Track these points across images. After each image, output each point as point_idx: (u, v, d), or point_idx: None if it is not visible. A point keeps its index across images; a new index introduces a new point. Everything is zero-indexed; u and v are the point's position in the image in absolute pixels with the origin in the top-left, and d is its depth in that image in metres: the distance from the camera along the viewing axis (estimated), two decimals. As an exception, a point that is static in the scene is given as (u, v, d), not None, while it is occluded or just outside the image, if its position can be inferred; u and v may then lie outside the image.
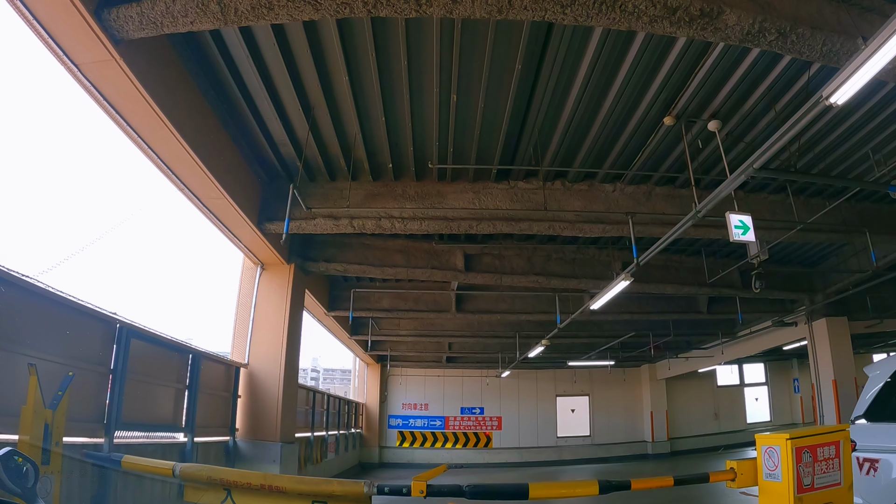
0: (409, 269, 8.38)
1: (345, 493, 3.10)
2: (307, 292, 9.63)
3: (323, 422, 12.79)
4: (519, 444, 19.71)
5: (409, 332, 13.62)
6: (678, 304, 12.45)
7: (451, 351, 16.38)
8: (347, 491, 3.10)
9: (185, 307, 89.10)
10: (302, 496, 3.12)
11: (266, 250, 7.73)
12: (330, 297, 11.11)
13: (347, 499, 3.13)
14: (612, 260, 9.65)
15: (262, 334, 7.86)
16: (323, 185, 6.99)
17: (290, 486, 3.17)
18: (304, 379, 67.85)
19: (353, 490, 3.09)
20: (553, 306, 11.17)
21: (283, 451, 7.34)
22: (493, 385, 19.88)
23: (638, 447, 20.29)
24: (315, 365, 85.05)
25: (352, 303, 9.60)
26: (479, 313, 10.89)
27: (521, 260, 9.02)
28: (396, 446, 19.29)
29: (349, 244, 8.58)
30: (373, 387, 19.25)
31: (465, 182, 6.86)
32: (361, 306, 11.03)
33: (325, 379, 73.31)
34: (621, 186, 7.25)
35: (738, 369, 22.82)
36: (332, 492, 3.14)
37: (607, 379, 20.63)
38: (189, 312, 78.17)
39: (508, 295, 11.09)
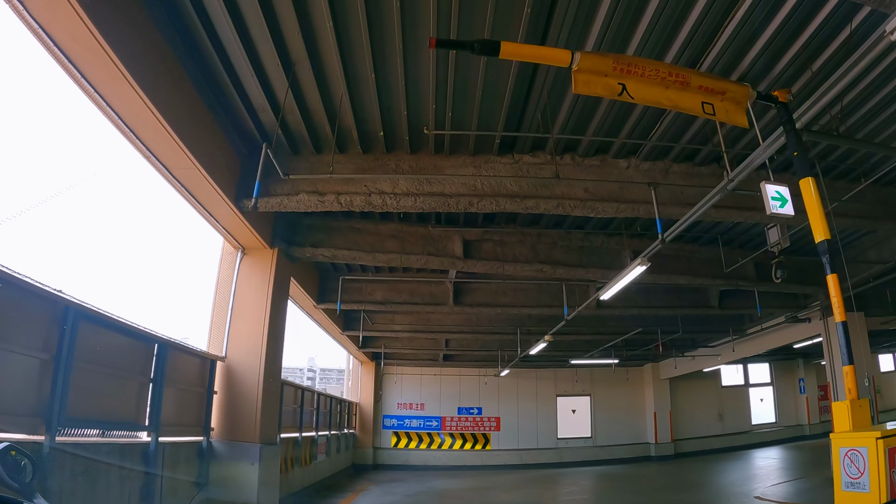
0: (404, 256, 7.73)
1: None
2: (294, 282, 8.97)
3: (312, 422, 12.10)
4: (518, 445, 19.06)
5: (404, 328, 12.97)
6: (688, 298, 11.82)
7: (449, 348, 15.73)
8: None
9: (158, 294, 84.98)
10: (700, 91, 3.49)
11: (246, 233, 7.06)
12: (320, 288, 10.44)
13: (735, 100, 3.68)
14: (621, 248, 9.02)
15: (242, 325, 7.19)
16: (308, 159, 6.33)
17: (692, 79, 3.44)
18: (301, 379, 67.07)
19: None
20: (557, 300, 10.53)
21: (262, 452, 6.66)
22: (491, 384, 19.23)
23: (640, 449, 19.67)
24: (312, 365, 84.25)
25: (339, 291, 8.89)
26: (479, 307, 10.25)
27: (524, 247, 8.38)
28: (391, 447, 18.61)
29: (338, 228, 7.92)
30: (367, 386, 18.57)
31: (464, 156, 6.22)
32: (353, 298, 10.37)
33: (321, 379, 72.44)
34: (636, 162, 6.62)
35: (742, 369, 22.26)
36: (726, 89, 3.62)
37: (609, 378, 20.00)
38: (162, 300, 74.72)
39: (510, 287, 10.44)
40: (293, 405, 10.75)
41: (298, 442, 10.65)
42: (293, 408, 10.74)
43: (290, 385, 10.46)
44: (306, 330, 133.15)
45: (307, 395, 11.53)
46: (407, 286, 10.33)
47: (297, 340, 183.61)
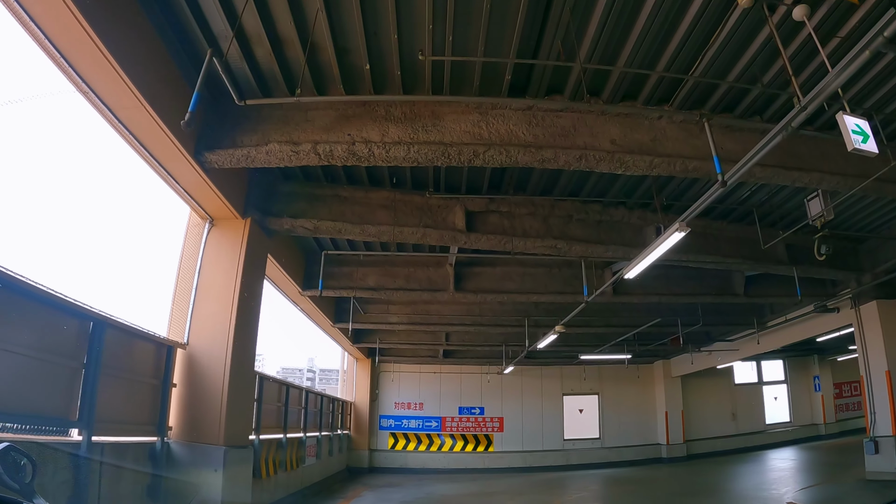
0: (397, 229, 6.70)
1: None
2: (275, 265, 7.95)
3: (300, 421, 11.06)
4: (522, 447, 18.01)
5: (400, 320, 11.93)
6: (711, 284, 10.79)
7: (449, 343, 14.68)
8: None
9: (113, 272, 75.48)
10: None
11: (213, 199, 6.04)
12: (306, 273, 9.41)
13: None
14: (644, 224, 8.00)
15: (207, 307, 6.16)
16: (281, 106, 5.31)
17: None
18: (300, 380, 65.51)
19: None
20: (569, 286, 9.52)
21: (228, 457, 5.60)
22: (494, 383, 18.18)
23: (651, 450, 18.62)
24: (311, 365, 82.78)
25: (322, 266, 7.78)
26: (482, 293, 9.21)
27: (535, 220, 7.36)
28: (388, 449, 17.55)
29: (322, 197, 6.90)
30: (362, 384, 17.51)
31: (467, 97, 5.19)
32: (343, 284, 9.34)
33: (321, 379, 70.98)
34: (670, 111, 5.60)
35: (755, 366, 21.27)
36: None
37: (618, 376, 18.98)
38: (118, 278, 67.45)
39: (517, 272, 9.42)
40: (277, 403, 9.70)
41: (283, 444, 9.60)
42: (277, 406, 9.70)
43: (273, 381, 9.42)
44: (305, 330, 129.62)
45: (293, 393, 10.48)
46: (402, 270, 9.30)
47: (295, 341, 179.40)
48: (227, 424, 5.72)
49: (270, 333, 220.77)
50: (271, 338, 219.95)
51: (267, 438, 8.93)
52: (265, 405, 8.84)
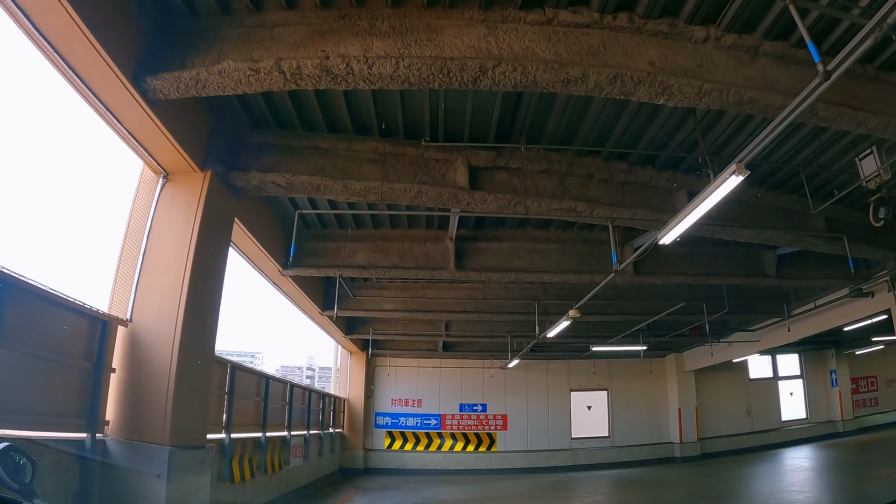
0: (387, 185, 5.63)
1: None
2: (247, 235, 6.91)
3: (284, 419, 9.99)
4: (527, 446, 16.93)
5: (395, 307, 10.86)
6: (740, 264, 9.73)
7: (449, 333, 13.60)
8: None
9: (47, 232, 63.82)
10: None
11: (164, 146, 4.98)
12: (287, 250, 8.34)
13: None
14: (674, 188, 6.95)
15: (155, 277, 5.09)
16: (243, 23, 4.25)
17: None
18: (300, 378, 63.99)
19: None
20: (585, 264, 8.47)
21: (174, 460, 4.50)
22: (497, 378, 17.13)
23: (664, 449, 17.56)
24: (311, 363, 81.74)
25: (295, 229, 6.57)
26: (487, 271, 8.15)
27: (550, 180, 6.30)
28: (384, 449, 16.46)
29: (297, 148, 5.84)
30: (357, 379, 16.43)
31: (472, 9, 4.14)
32: (329, 262, 8.28)
33: (320, 377, 69.80)
34: (716, 34, 4.55)
35: (771, 360, 20.25)
36: None
37: (628, 371, 17.94)
38: (53, 242, 58.09)
39: (526, 248, 8.35)
40: (255, 398, 8.64)
41: (262, 443, 8.54)
42: (255, 401, 8.64)
43: (250, 372, 8.35)
44: (304, 328, 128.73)
45: (275, 387, 9.42)
46: (396, 246, 8.24)
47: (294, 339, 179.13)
48: (174, 420, 4.64)
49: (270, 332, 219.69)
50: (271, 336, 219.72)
51: (241, 437, 7.87)
52: (239, 399, 7.78)
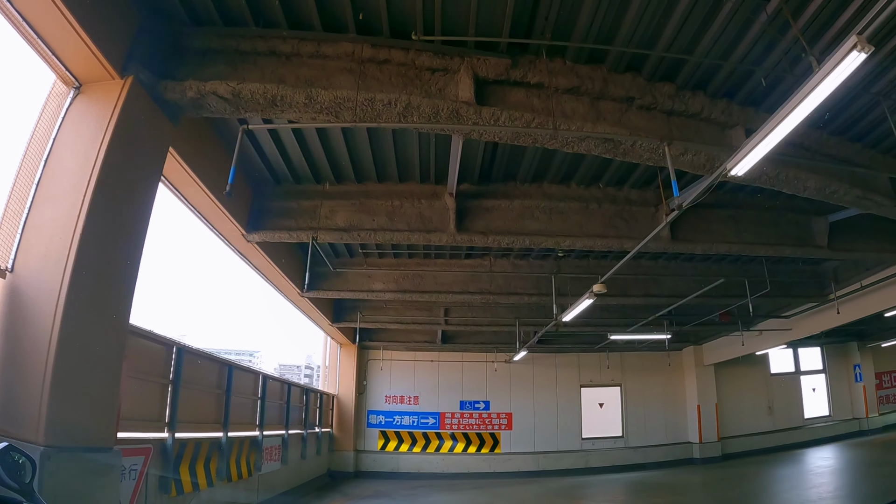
0: (365, 96, 4.17)
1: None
2: (192, 178, 5.42)
3: (254, 416, 8.52)
4: (534, 447, 15.46)
5: (386, 288, 9.39)
6: (787, 232, 8.29)
7: (449, 320, 12.15)
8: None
9: None
10: None
11: (76, 46, 3.60)
12: (253, 209, 6.89)
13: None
14: (729, 122, 5.51)
15: (48, 213, 3.63)
16: None
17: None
18: (298, 377, 62.19)
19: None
20: (612, 227, 7.04)
21: (48, 465, 3.03)
22: (502, 373, 15.66)
23: (682, 450, 16.12)
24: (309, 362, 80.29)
25: (237, 151, 4.86)
26: (495, 234, 6.69)
27: (578, 102, 4.84)
28: (378, 450, 14.97)
29: (251, 54, 4.36)
30: (347, 374, 14.94)
31: None
32: (303, 224, 6.81)
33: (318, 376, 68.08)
34: None
35: (792, 354, 18.89)
36: None
37: (643, 365, 16.50)
38: None
39: (542, 206, 6.88)
40: (215, 390, 7.18)
41: (222, 445, 7.06)
42: (215, 394, 7.18)
43: (202, 357, 6.87)
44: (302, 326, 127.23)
45: (242, 378, 7.96)
46: (384, 204, 6.76)
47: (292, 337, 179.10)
48: (54, 408, 3.18)
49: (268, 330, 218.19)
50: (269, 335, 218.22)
51: (194, 438, 6.40)
52: (190, 391, 6.32)
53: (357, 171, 6.68)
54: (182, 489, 6.05)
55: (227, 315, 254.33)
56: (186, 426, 6.30)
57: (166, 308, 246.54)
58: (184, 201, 6.00)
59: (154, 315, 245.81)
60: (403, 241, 6.71)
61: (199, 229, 5.81)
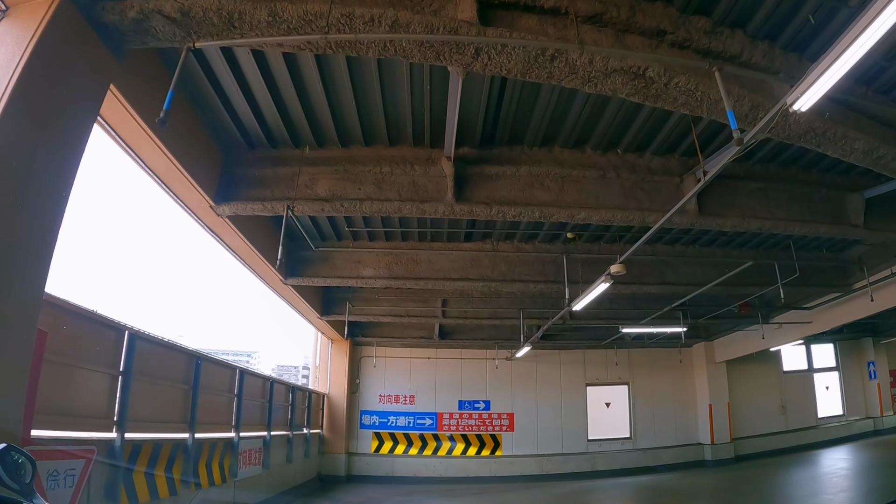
0: (342, 14, 3.34)
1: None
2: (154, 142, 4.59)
3: (230, 415, 7.66)
4: (537, 450, 14.59)
5: (377, 274, 8.54)
6: (821, 208, 7.47)
7: (447, 315, 11.30)
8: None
9: None
10: None
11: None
12: (223, 178, 6.04)
13: None
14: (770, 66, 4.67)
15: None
16: None
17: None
18: (296, 378, 60.86)
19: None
20: (633, 199, 6.19)
21: None
22: (503, 371, 14.81)
23: (693, 452, 15.29)
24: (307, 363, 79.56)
25: (176, 76, 3.86)
26: (500, 205, 5.84)
27: (601, 34, 4.00)
28: (371, 453, 14.08)
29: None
30: (339, 371, 14.06)
31: None
32: (280, 194, 5.96)
33: (314, 375, 67.09)
34: None
35: (805, 351, 18.12)
36: None
37: (653, 362, 15.67)
38: None
39: (553, 174, 6.03)
40: (180, 385, 6.31)
41: (188, 447, 6.20)
42: (180, 389, 6.31)
43: (162, 346, 6.00)
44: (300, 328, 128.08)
45: (212, 372, 7.09)
46: (371, 171, 5.92)
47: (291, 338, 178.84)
48: None
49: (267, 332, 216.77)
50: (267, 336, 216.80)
51: (152, 439, 5.54)
52: (146, 385, 5.46)
53: (341, 132, 5.84)
54: (136, 497, 5.18)
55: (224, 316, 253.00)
56: (142, 425, 5.45)
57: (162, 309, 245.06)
58: (140, 163, 5.15)
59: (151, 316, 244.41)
60: (394, 213, 5.85)
61: (178, 217, 5.08)
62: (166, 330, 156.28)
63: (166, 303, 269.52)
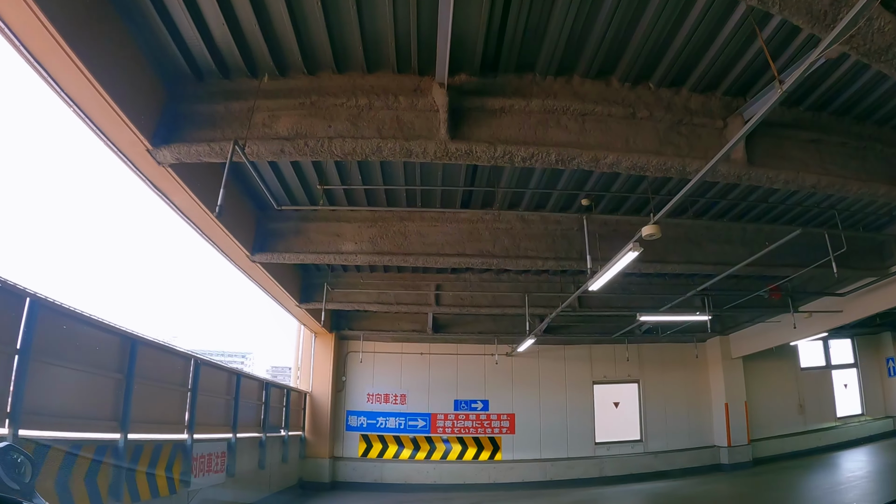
0: None
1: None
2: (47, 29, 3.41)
3: (182, 413, 6.43)
4: (540, 454, 13.38)
5: (359, 249, 7.34)
6: (876, 167, 6.36)
7: (441, 303, 10.11)
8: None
9: None
10: None
11: None
12: (165, 115, 4.85)
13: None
14: None
15: None
16: None
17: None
18: (288, 379, 59.37)
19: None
20: (669, 145, 5.04)
21: None
22: (503, 367, 13.62)
23: (708, 455, 14.12)
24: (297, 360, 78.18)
25: None
26: (506, 144, 4.64)
27: None
28: (358, 457, 12.83)
29: None
30: (322, 368, 12.81)
31: None
32: (231, 135, 4.76)
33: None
34: None
35: (822, 346, 17.07)
36: None
37: (664, 357, 14.55)
38: None
39: (573, 110, 4.84)
40: (111, 374, 5.08)
41: (119, 451, 4.97)
42: (111, 378, 5.08)
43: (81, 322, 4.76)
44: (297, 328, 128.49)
45: (154, 359, 5.86)
46: (344, 105, 4.72)
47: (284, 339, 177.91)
48: None
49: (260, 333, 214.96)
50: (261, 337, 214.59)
51: (64, 438, 4.33)
52: (54, 370, 4.24)
53: (308, 56, 4.66)
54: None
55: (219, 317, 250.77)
56: (49, 421, 4.24)
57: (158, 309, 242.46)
58: (52, 84, 3.97)
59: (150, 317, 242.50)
60: (372, 154, 4.65)
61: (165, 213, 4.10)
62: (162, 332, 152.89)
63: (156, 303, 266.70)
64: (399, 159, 4.79)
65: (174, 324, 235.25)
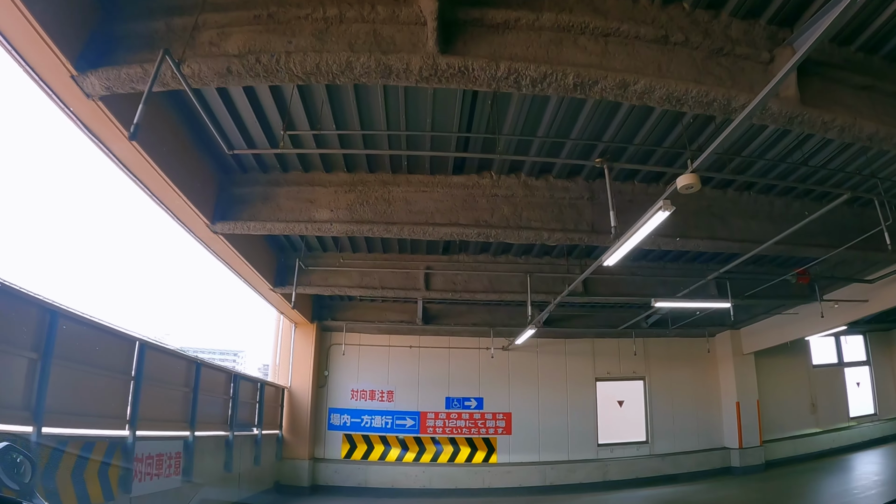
0: None
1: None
2: None
3: (123, 407, 5.43)
4: (539, 456, 12.44)
5: (335, 217, 6.37)
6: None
7: (431, 288, 9.15)
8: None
9: None
10: None
11: None
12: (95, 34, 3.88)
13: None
14: None
15: None
16: None
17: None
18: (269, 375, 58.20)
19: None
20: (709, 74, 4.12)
21: None
22: (499, 362, 12.68)
23: (718, 458, 13.26)
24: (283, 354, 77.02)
25: None
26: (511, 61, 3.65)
27: None
28: (341, 459, 11.84)
29: None
30: (303, 361, 11.81)
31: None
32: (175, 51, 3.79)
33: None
34: None
35: (835, 342, 16.31)
36: None
37: (671, 353, 13.69)
38: None
39: (592, 29, 3.93)
40: (24, 352, 4.09)
41: (30, 445, 3.99)
42: (24, 358, 4.09)
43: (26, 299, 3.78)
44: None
45: (85, 340, 4.87)
46: (310, 17, 3.77)
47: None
48: None
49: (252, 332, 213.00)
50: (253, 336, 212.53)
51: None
52: None
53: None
54: None
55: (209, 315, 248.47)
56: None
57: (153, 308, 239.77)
58: None
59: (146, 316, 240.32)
60: (340, 74, 3.69)
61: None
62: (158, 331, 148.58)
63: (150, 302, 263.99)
64: (375, 82, 3.83)
65: (169, 323, 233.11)
